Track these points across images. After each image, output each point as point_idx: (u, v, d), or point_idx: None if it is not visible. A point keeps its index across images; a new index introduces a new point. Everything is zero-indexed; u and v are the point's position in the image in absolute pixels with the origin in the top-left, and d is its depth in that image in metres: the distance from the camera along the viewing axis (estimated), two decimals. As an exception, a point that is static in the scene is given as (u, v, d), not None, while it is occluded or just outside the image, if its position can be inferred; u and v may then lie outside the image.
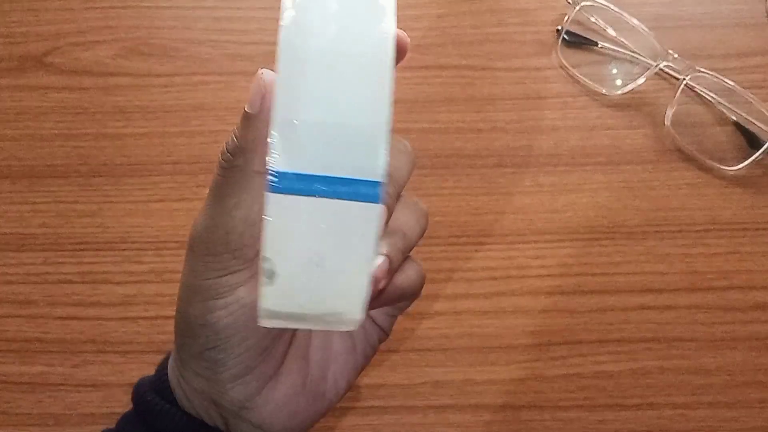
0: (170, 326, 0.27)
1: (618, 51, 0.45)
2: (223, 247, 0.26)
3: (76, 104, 0.43)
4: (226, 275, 0.26)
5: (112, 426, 0.29)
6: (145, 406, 0.29)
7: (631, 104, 0.43)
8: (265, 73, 0.26)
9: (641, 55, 0.44)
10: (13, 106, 0.44)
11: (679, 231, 0.41)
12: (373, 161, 0.22)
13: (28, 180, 0.42)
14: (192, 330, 0.26)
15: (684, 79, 0.42)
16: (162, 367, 0.29)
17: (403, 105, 0.43)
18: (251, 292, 0.26)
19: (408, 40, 0.25)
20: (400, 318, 0.39)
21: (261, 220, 0.22)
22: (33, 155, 0.42)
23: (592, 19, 0.46)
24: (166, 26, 0.45)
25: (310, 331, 0.29)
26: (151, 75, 0.44)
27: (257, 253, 0.26)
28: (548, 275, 0.40)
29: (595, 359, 0.38)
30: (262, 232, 0.22)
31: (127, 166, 0.42)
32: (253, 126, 0.25)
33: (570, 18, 0.44)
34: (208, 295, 0.26)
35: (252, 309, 0.26)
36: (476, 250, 0.40)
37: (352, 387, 0.30)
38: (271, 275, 0.22)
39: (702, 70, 0.41)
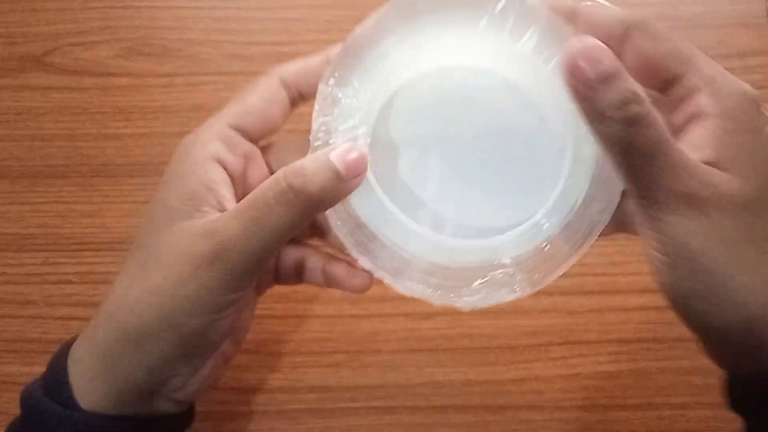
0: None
1: (618, 51, 0.45)
2: (252, 269, 0.25)
3: (76, 104, 0.43)
4: (237, 292, 0.26)
5: None
6: (37, 412, 0.27)
7: (631, 104, 0.43)
8: None
9: (641, 56, 0.44)
10: (13, 106, 0.44)
11: (679, 231, 0.41)
12: None
13: (28, 180, 0.42)
14: (181, 337, 0.26)
15: (684, 79, 0.41)
16: (56, 365, 0.28)
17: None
18: (246, 300, 0.27)
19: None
20: (400, 318, 0.39)
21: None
22: (33, 155, 0.42)
23: (592, 20, 0.46)
24: (166, 26, 0.45)
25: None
26: (151, 75, 0.44)
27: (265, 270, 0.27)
28: (548, 275, 0.40)
29: (595, 359, 0.38)
30: None
31: (127, 166, 0.42)
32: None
33: (570, 18, 0.44)
34: (214, 310, 0.26)
35: (241, 318, 0.28)
36: (476, 251, 0.40)
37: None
38: None
39: (702, 70, 0.41)
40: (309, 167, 0.25)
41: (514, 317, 0.39)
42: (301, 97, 0.29)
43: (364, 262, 0.27)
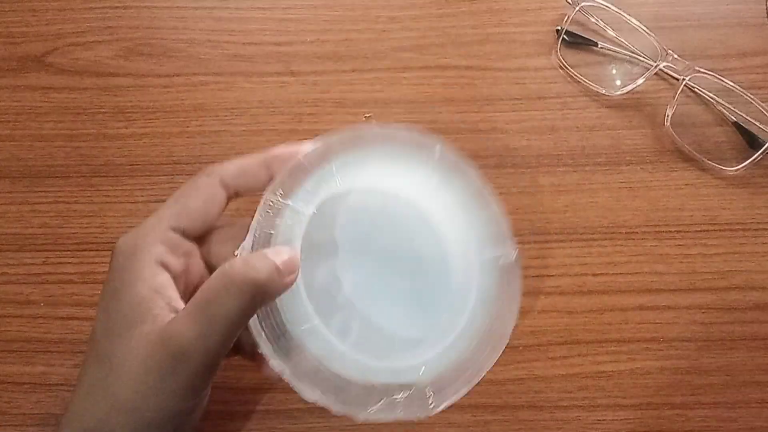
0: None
1: (618, 51, 0.45)
2: (211, 369, 0.26)
3: (77, 104, 0.44)
4: (202, 391, 0.27)
5: None
6: None
7: (631, 104, 0.43)
8: None
9: (641, 56, 0.44)
10: (13, 106, 0.44)
11: (679, 231, 0.41)
12: None
13: (29, 180, 0.42)
14: None
15: (684, 79, 0.42)
16: None
17: (403, 105, 0.43)
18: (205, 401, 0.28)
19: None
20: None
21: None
22: (33, 155, 0.43)
23: (592, 20, 0.46)
24: (166, 27, 0.45)
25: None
26: (152, 75, 0.44)
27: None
28: (547, 275, 0.40)
29: (594, 359, 0.38)
30: None
31: (128, 166, 0.42)
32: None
33: (570, 18, 0.44)
34: (184, 413, 0.27)
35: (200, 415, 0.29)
36: (476, 251, 0.40)
37: None
38: None
39: (702, 70, 0.41)
40: (252, 258, 0.27)
41: (514, 317, 0.39)
42: (236, 194, 0.30)
43: (274, 363, 0.28)
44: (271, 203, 0.28)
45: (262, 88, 0.44)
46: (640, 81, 0.43)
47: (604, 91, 0.43)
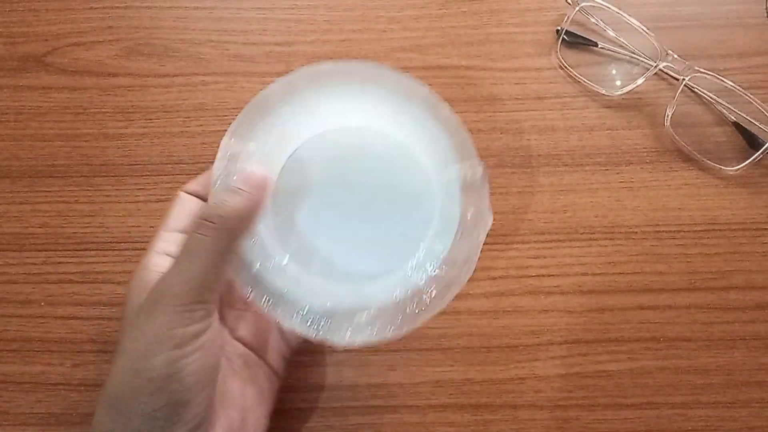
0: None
1: (617, 51, 0.45)
2: (196, 297, 0.27)
3: (77, 104, 0.44)
4: (192, 324, 0.27)
5: None
6: None
7: (631, 105, 0.44)
8: None
9: (641, 56, 0.44)
10: (13, 106, 0.44)
11: (679, 231, 0.41)
12: None
13: (29, 180, 0.42)
14: (153, 385, 0.27)
15: (683, 79, 0.42)
16: None
17: (403, 105, 0.43)
18: (211, 338, 0.28)
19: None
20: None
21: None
22: (33, 155, 0.43)
23: (592, 20, 0.46)
24: (166, 27, 0.45)
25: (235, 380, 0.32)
26: (152, 75, 0.44)
27: (218, 300, 0.29)
28: (547, 275, 0.40)
29: (594, 359, 0.38)
30: None
31: (128, 166, 0.42)
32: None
33: (570, 18, 0.44)
34: (174, 344, 0.27)
35: (210, 356, 0.28)
36: (476, 250, 0.40)
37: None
38: None
39: (701, 70, 0.41)
40: (216, 197, 0.30)
41: (514, 316, 0.39)
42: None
43: (251, 294, 0.30)
44: (227, 150, 0.31)
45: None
46: (640, 81, 0.43)
47: (604, 91, 0.44)
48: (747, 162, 0.41)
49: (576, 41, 0.45)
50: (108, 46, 0.45)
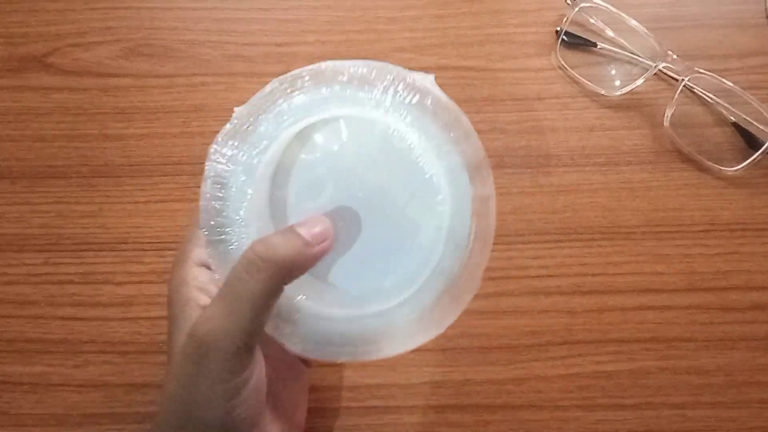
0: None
1: (617, 52, 0.45)
2: (245, 346, 0.26)
3: (77, 105, 0.44)
4: (243, 371, 0.27)
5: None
6: None
7: (630, 105, 0.44)
8: None
9: (640, 56, 0.44)
10: (13, 106, 0.44)
11: (678, 231, 0.41)
12: None
13: (29, 180, 0.42)
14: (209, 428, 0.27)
15: (683, 79, 0.42)
16: None
17: (403, 105, 0.43)
18: (259, 376, 0.28)
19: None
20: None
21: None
22: (34, 156, 0.43)
23: (592, 20, 0.46)
24: (166, 27, 0.45)
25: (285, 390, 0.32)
26: (152, 76, 0.44)
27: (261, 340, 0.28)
28: (547, 275, 0.40)
29: (594, 359, 0.38)
30: None
31: (128, 166, 0.42)
32: None
33: (569, 19, 0.44)
34: (228, 397, 0.26)
35: (259, 393, 0.28)
36: (476, 251, 0.40)
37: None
38: None
39: (701, 70, 0.41)
40: (273, 238, 0.27)
41: (514, 317, 0.39)
42: None
43: None
44: (214, 172, 0.30)
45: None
46: (640, 81, 0.43)
47: (603, 92, 0.44)
48: (746, 162, 0.41)
49: (575, 42, 0.45)
50: (108, 46, 0.45)
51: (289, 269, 0.27)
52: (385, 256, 0.31)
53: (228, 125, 0.30)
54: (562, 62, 0.44)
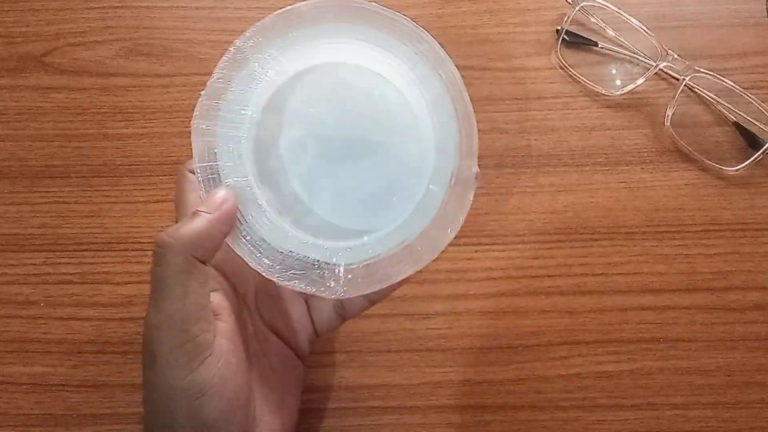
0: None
1: (618, 51, 0.45)
2: (185, 337, 0.26)
3: (76, 104, 0.44)
4: (195, 366, 0.27)
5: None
6: None
7: (631, 104, 0.43)
8: None
9: (641, 56, 0.44)
10: (12, 106, 0.44)
11: (679, 231, 0.41)
12: None
13: (28, 180, 0.42)
14: (185, 428, 0.27)
15: (684, 79, 0.42)
16: None
17: (402, 105, 0.43)
18: (224, 376, 0.27)
19: None
20: (400, 318, 0.39)
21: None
22: (33, 155, 0.43)
23: (592, 19, 0.46)
24: (166, 26, 0.45)
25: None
26: (151, 75, 0.44)
27: (212, 318, 0.28)
28: (547, 276, 0.40)
29: (594, 359, 0.38)
30: None
31: (127, 166, 0.42)
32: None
33: (570, 18, 0.44)
34: (187, 396, 0.26)
35: (229, 385, 0.28)
36: (476, 251, 0.40)
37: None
38: None
39: (702, 70, 0.41)
40: (174, 225, 0.28)
41: (514, 317, 0.39)
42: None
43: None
44: (203, 128, 0.31)
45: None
46: (640, 81, 0.43)
47: (604, 91, 0.43)
48: (747, 162, 0.41)
49: (576, 41, 0.45)
50: (107, 46, 0.45)
51: (194, 243, 0.27)
52: (374, 195, 0.31)
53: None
54: (563, 61, 0.44)
